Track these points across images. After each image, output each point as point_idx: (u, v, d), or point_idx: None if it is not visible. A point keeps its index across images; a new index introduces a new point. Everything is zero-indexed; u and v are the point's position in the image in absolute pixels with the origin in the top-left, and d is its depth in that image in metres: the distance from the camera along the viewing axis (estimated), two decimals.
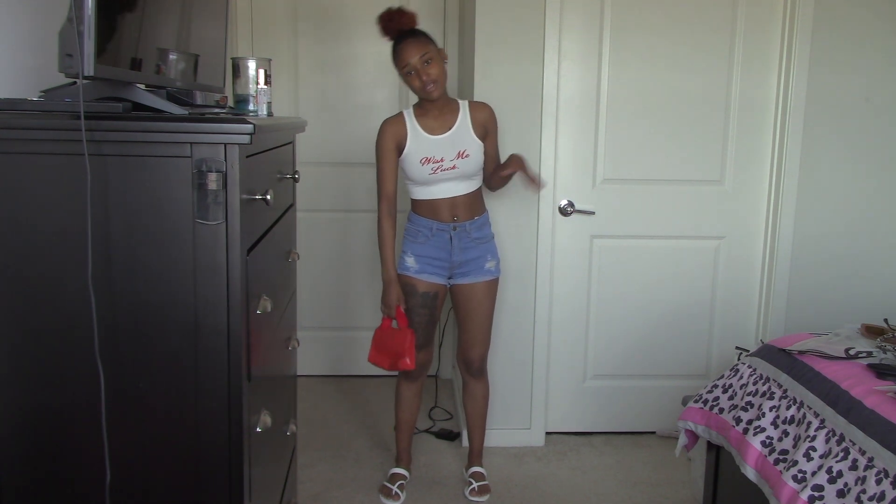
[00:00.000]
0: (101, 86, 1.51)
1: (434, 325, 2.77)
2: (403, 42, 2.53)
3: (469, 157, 2.63)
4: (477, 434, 2.94)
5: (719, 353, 3.34)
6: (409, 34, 2.54)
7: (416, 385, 2.86)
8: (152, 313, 1.44)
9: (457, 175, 2.64)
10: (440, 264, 2.69)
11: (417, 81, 2.53)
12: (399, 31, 2.55)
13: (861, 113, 3.13)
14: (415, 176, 2.65)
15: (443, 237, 2.67)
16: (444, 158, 2.61)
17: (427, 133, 2.62)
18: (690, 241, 3.26)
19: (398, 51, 2.54)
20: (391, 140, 2.62)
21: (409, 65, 2.52)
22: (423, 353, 2.78)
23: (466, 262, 2.71)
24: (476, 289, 2.74)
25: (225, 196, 1.40)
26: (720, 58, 3.12)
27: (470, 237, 2.69)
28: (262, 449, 1.69)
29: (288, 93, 3.79)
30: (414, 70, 2.52)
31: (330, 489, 2.89)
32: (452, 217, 2.67)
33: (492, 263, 2.75)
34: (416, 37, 2.53)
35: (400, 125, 2.63)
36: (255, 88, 1.92)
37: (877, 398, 1.89)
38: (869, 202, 3.20)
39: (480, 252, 2.72)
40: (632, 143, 3.16)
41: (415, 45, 2.51)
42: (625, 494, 2.88)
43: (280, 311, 1.95)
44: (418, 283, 2.69)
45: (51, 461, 1.47)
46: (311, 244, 3.84)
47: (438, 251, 2.68)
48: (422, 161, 2.61)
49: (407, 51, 2.51)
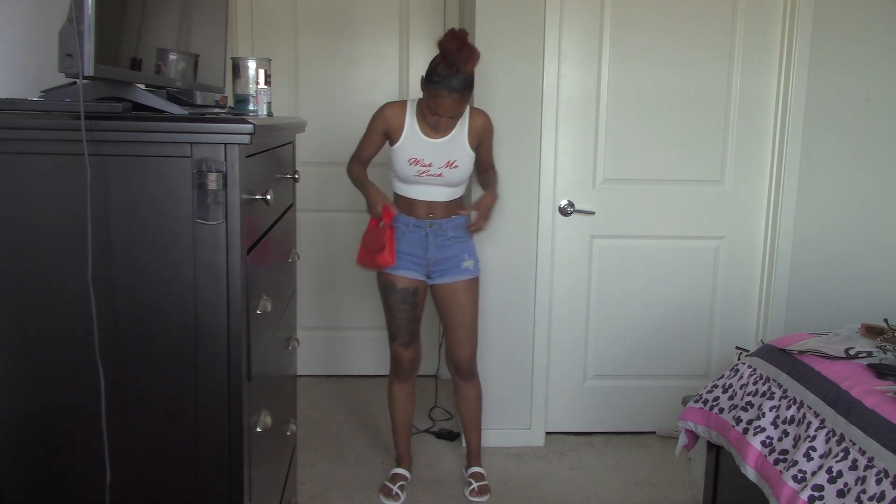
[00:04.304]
0: (101, 86, 1.51)
1: (417, 321, 2.76)
2: (452, 91, 2.41)
3: (457, 169, 2.62)
4: (474, 435, 2.93)
5: (719, 353, 3.34)
6: (462, 86, 2.43)
7: (407, 385, 2.84)
8: (152, 313, 1.43)
9: (441, 182, 2.63)
10: (417, 261, 2.68)
11: (433, 121, 2.51)
12: (457, 68, 2.39)
13: (861, 113, 3.13)
14: (400, 172, 2.64)
15: (419, 234, 2.67)
16: (433, 164, 2.59)
17: (423, 134, 2.60)
18: (690, 241, 3.26)
19: (441, 94, 2.42)
20: (383, 125, 2.61)
21: (439, 112, 2.47)
22: (411, 351, 2.77)
23: (443, 260, 2.69)
24: (456, 288, 2.72)
25: (225, 196, 1.40)
26: (720, 58, 3.12)
27: (446, 235, 2.68)
28: (262, 449, 1.69)
29: (288, 93, 3.79)
30: (438, 114, 2.48)
31: (330, 489, 2.89)
32: (428, 214, 2.67)
33: (469, 262, 2.73)
34: (464, 93, 2.44)
35: (399, 116, 2.60)
36: (255, 88, 1.92)
37: (877, 398, 1.89)
38: (869, 202, 3.20)
39: (457, 251, 2.71)
40: (632, 143, 3.16)
41: (458, 104, 2.44)
42: (625, 494, 2.88)
43: (280, 311, 1.95)
44: (397, 279, 2.68)
45: (51, 461, 1.47)
46: (311, 244, 3.84)
47: (414, 247, 2.67)
48: (410, 161, 2.59)
49: (449, 104, 2.44)
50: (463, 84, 2.43)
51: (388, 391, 2.88)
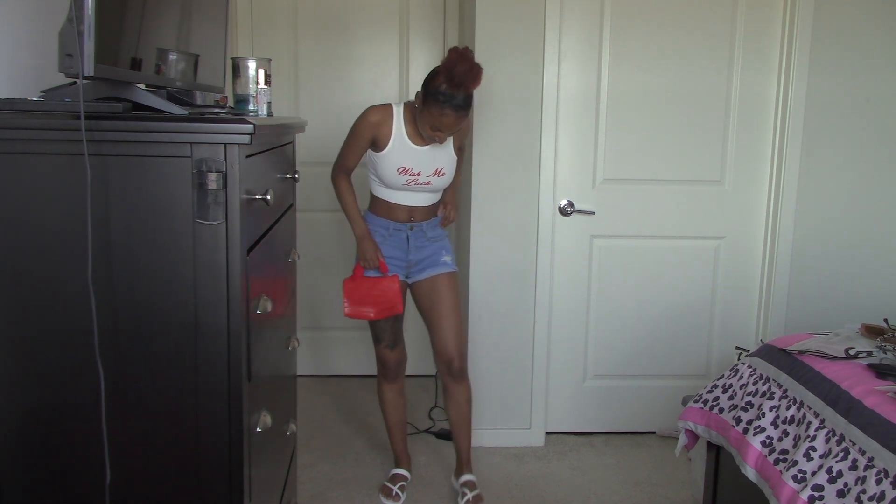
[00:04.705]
0: (101, 86, 1.51)
1: (400, 322, 2.76)
2: (458, 109, 2.40)
3: (444, 176, 2.62)
4: (464, 440, 2.84)
5: (719, 353, 3.34)
6: (467, 104, 2.42)
7: (396, 385, 2.84)
8: (152, 313, 1.43)
9: (427, 189, 2.63)
10: (397, 263, 2.68)
11: (431, 134, 2.48)
12: (459, 85, 2.38)
13: (861, 113, 3.13)
14: (387, 180, 2.60)
15: (400, 236, 2.66)
16: (422, 173, 2.58)
17: (410, 141, 2.56)
18: (690, 241, 3.26)
19: (446, 112, 2.40)
20: (369, 131, 2.55)
21: (442, 129, 2.45)
22: (396, 352, 2.77)
23: (422, 259, 2.69)
24: (437, 281, 2.69)
25: (225, 196, 1.40)
26: (720, 58, 3.12)
27: (426, 236, 2.69)
28: (262, 449, 1.69)
29: (288, 93, 3.79)
30: (441, 131, 2.46)
31: (330, 489, 2.89)
32: (409, 218, 2.66)
33: (447, 258, 2.72)
34: (466, 110, 2.43)
35: (385, 121, 2.56)
36: (255, 88, 1.92)
37: (877, 398, 1.89)
38: (869, 202, 3.20)
39: (435, 248, 2.71)
40: (632, 143, 3.16)
41: (459, 120, 2.43)
42: (625, 494, 2.88)
43: (280, 311, 1.95)
44: None
45: (51, 461, 1.47)
46: (312, 244, 3.83)
47: (395, 250, 2.67)
48: (399, 170, 2.56)
49: (450, 120, 2.42)
50: (468, 101, 2.43)
51: (378, 394, 2.88)
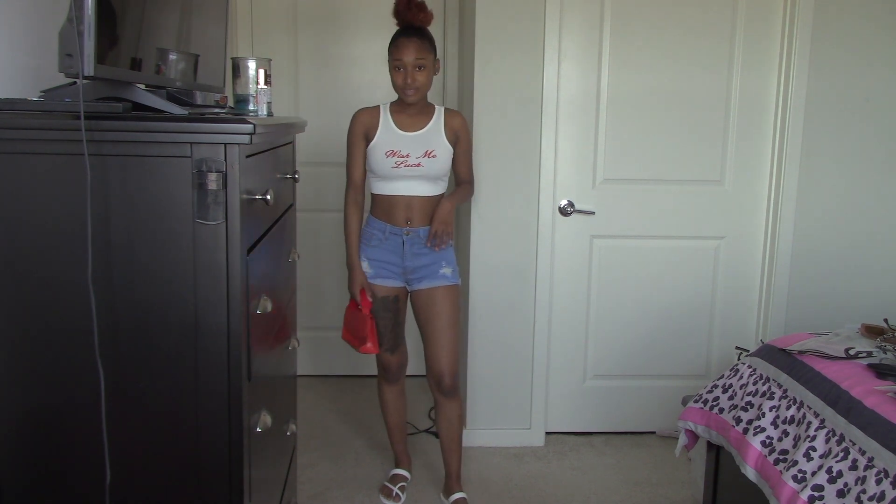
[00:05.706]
0: (101, 86, 1.51)
1: (400, 326, 2.74)
2: (407, 37, 2.49)
3: (436, 158, 2.60)
4: (454, 457, 2.77)
5: (719, 353, 3.34)
6: (416, 31, 2.51)
7: (396, 387, 2.84)
8: (152, 313, 1.44)
9: (420, 174, 2.59)
10: (394, 269, 2.65)
11: (401, 79, 2.51)
12: (409, 23, 2.52)
13: (861, 113, 3.13)
14: (377, 168, 2.60)
15: (395, 241, 2.63)
16: (410, 154, 2.57)
17: (398, 128, 2.60)
18: (690, 241, 3.26)
19: (398, 42, 2.50)
20: (360, 128, 2.61)
21: (401, 61, 2.50)
22: (397, 356, 2.76)
23: (419, 267, 2.65)
24: (434, 294, 2.65)
25: (225, 196, 1.40)
26: (720, 58, 3.12)
27: (423, 243, 2.64)
28: (262, 449, 1.69)
29: (288, 93, 3.79)
30: (403, 67, 2.50)
31: (330, 489, 2.89)
32: (406, 220, 2.62)
33: (447, 270, 2.66)
34: (421, 38, 2.51)
35: (373, 116, 2.61)
36: (255, 88, 1.92)
37: (877, 398, 1.89)
38: (869, 202, 3.20)
39: (434, 258, 2.64)
40: (632, 143, 3.16)
41: (415, 47, 2.49)
42: (625, 494, 2.88)
43: (280, 311, 1.95)
44: (377, 288, 2.66)
45: (51, 461, 1.47)
46: (311, 244, 3.83)
47: (391, 255, 2.64)
48: (387, 153, 2.57)
49: (406, 47, 2.49)
50: (418, 32, 2.50)
51: (378, 395, 2.88)
